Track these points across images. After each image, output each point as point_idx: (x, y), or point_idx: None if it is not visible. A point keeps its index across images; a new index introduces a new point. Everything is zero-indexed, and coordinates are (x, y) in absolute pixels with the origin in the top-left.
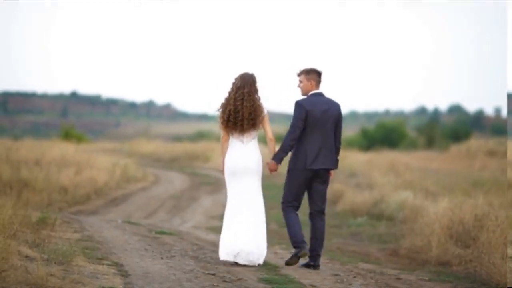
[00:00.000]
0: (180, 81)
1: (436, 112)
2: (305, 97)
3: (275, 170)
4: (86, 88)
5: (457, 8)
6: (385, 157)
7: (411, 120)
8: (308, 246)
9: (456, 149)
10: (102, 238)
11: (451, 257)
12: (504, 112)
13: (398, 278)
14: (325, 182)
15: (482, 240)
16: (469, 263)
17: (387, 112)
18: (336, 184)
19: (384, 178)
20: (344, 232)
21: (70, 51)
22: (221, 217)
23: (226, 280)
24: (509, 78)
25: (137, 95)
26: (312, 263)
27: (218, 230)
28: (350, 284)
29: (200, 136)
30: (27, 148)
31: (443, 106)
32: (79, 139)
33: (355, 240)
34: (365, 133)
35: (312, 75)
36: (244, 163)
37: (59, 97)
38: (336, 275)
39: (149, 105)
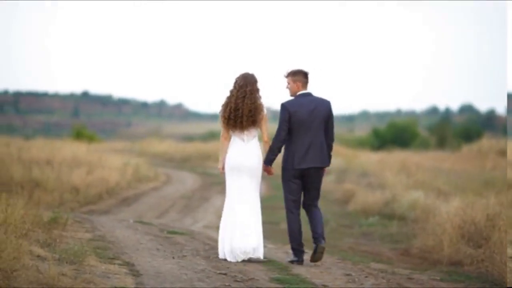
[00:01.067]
0: (192, 81)
1: (447, 112)
2: (292, 98)
3: (270, 172)
4: (98, 88)
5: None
6: (396, 157)
7: (423, 120)
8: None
9: (467, 149)
10: (113, 238)
11: (463, 257)
12: None
13: (410, 278)
14: (317, 179)
15: (493, 240)
16: (481, 263)
17: (398, 112)
18: (347, 184)
19: (395, 178)
20: (355, 232)
21: (82, 51)
22: None
23: (238, 280)
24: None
25: (149, 95)
26: (317, 244)
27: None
28: (361, 284)
29: (211, 136)
30: (39, 148)
31: (455, 105)
32: (90, 139)
33: (367, 240)
34: (376, 133)
35: (298, 77)
36: (245, 161)
37: (71, 97)
38: (347, 274)
39: (161, 105)
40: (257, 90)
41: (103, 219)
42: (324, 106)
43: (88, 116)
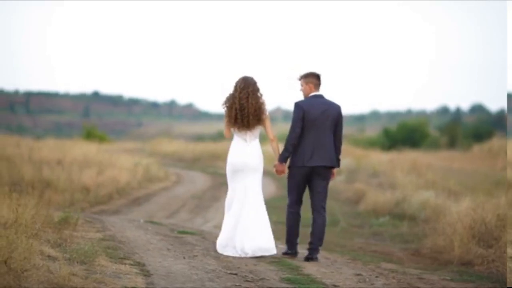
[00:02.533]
0: (202, 81)
1: (458, 112)
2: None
3: (283, 171)
4: (108, 88)
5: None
6: (407, 157)
7: (433, 120)
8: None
9: (478, 148)
10: (124, 238)
11: (473, 257)
12: None
13: (420, 278)
14: (325, 179)
15: (504, 239)
16: (492, 263)
17: (409, 112)
18: (358, 184)
19: (406, 178)
20: (366, 232)
21: (93, 51)
22: None
23: (248, 280)
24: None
25: (159, 95)
26: (310, 256)
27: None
28: (372, 283)
29: (222, 136)
30: (49, 148)
31: (465, 105)
32: (101, 139)
33: (377, 240)
34: (387, 133)
35: (310, 79)
36: (247, 160)
37: (81, 97)
38: (358, 274)
39: (171, 105)
40: (258, 90)
41: (113, 219)
42: (334, 109)
43: (99, 116)
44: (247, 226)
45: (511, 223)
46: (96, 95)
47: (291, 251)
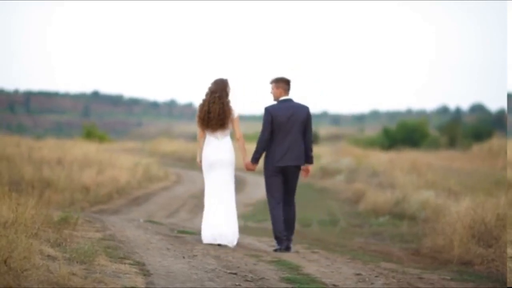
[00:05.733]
0: (202, 81)
1: (458, 111)
2: (275, 102)
3: (252, 169)
4: (108, 88)
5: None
6: (407, 156)
7: (433, 120)
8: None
9: (478, 148)
10: (124, 237)
11: (473, 257)
12: None
13: (420, 278)
14: (294, 177)
15: (504, 239)
16: (491, 262)
17: (408, 112)
18: (358, 183)
19: (406, 177)
20: (366, 231)
21: (92, 50)
22: (242, 217)
23: (248, 279)
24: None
25: (159, 95)
26: (282, 247)
27: (240, 229)
28: (372, 283)
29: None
30: (49, 147)
31: (465, 105)
32: (101, 138)
33: (377, 240)
34: (386, 133)
35: (281, 84)
36: (220, 156)
37: (81, 97)
38: (358, 274)
39: (171, 104)
40: (226, 95)
41: (113, 218)
42: (302, 111)
43: (99, 115)
44: (220, 215)
45: (511, 223)
46: (96, 95)
47: (280, 246)
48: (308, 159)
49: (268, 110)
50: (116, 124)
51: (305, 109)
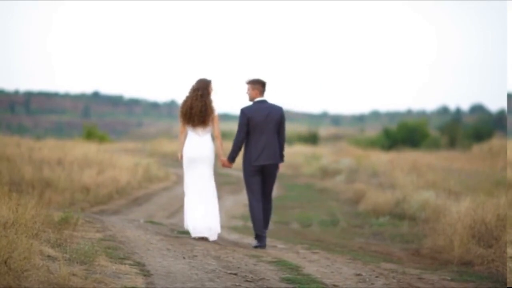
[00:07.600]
0: None
1: (458, 112)
2: (251, 103)
3: (229, 166)
4: (108, 88)
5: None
6: (407, 156)
7: (433, 120)
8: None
9: (478, 148)
10: (124, 238)
11: (473, 257)
12: None
13: (420, 278)
14: (271, 174)
15: (504, 239)
16: (492, 262)
17: (409, 112)
18: (358, 184)
19: (406, 178)
20: (366, 231)
21: (93, 51)
22: (243, 217)
23: (248, 279)
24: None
25: (159, 95)
26: (262, 244)
27: (240, 230)
28: (372, 283)
29: (222, 135)
30: (50, 148)
31: (465, 105)
32: (101, 139)
33: (377, 240)
34: (387, 133)
35: (257, 85)
36: (200, 152)
37: (81, 97)
38: (358, 274)
39: (171, 105)
40: (209, 94)
41: (113, 219)
42: (276, 112)
43: (99, 116)
44: (200, 208)
45: (511, 223)
46: (96, 95)
47: (260, 244)
48: (280, 158)
49: (244, 112)
50: (116, 124)
51: (279, 109)
